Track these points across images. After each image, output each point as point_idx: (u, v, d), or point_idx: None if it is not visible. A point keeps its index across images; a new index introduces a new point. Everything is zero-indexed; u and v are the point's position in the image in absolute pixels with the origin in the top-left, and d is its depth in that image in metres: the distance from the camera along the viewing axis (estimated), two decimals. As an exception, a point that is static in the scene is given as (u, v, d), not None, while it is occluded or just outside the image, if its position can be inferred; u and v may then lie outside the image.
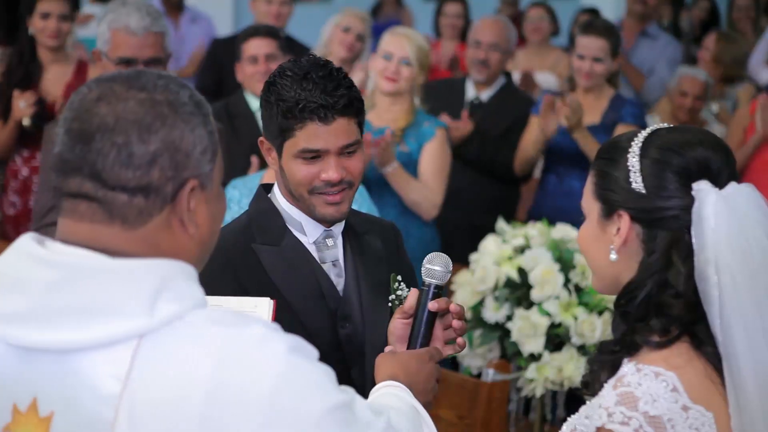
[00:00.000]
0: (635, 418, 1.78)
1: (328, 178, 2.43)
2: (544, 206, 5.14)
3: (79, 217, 1.52)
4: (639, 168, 1.89)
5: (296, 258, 2.49)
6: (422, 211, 4.50)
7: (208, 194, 1.57)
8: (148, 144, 1.49)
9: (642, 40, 6.90)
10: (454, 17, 7.72)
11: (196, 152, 1.53)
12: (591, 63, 5.08)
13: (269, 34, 4.93)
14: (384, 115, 4.57)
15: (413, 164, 4.52)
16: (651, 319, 1.87)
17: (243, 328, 1.50)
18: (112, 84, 1.53)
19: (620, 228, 1.91)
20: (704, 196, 1.85)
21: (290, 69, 2.43)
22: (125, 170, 1.49)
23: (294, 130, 2.41)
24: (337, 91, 2.40)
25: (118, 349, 1.45)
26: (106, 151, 1.49)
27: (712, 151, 1.91)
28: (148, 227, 1.51)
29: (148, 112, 1.50)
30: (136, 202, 1.50)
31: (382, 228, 2.67)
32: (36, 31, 5.17)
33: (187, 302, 1.49)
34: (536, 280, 3.86)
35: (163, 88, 1.53)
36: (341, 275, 2.53)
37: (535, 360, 3.86)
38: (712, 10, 9.02)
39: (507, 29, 5.51)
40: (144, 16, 3.52)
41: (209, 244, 1.61)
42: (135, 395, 1.44)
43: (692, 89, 5.82)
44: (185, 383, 1.44)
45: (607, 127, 5.08)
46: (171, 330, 1.46)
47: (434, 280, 2.34)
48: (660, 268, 1.87)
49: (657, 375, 1.81)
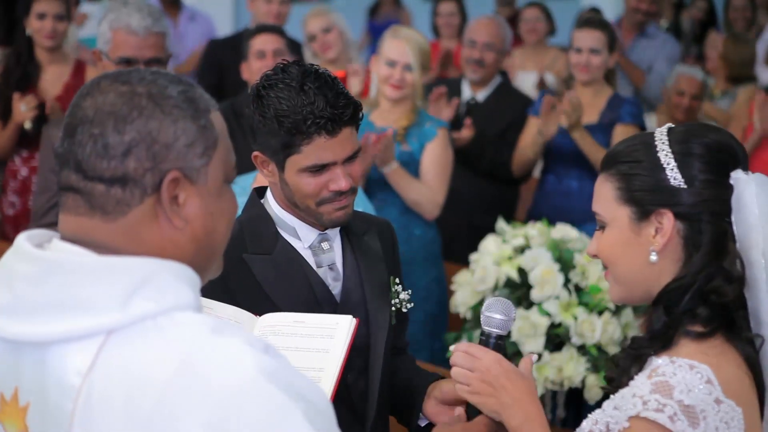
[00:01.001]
0: (670, 406, 1.78)
1: (339, 188, 2.40)
2: (543, 206, 5.14)
3: (67, 209, 1.54)
4: (676, 164, 1.90)
5: (288, 265, 2.46)
6: (424, 210, 4.51)
7: (201, 189, 1.55)
8: (123, 134, 1.50)
9: (640, 39, 6.91)
10: (447, 16, 7.71)
11: (178, 144, 1.52)
12: (588, 55, 5.08)
13: (276, 31, 4.94)
14: (387, 116, 4.58)
15: (415, 164, 4.52)
16: (698, 308, 1.89)
17: (217, 338, 1.45)
18: (101, 79, 1.56)
19: (662, 227, 1.91)
20: (743, 185, 1.88)
21: (281, 80, 2.37)
22: (101, 160, 1.50)
23: (300, 146, 2.36)
24: (339, 100, 2.36)
25: (87, 344, 1.45)
26: (85, 142, 1.51)
27: (733, 140, 1.96)
28: (128, 218, 1.51)
29: (126, 103, 1.51)
30: (113, 192, 1.50)
31: (379, 226, 2.65)
32: (33, 31, 5.17)
33: (167, 302, 1.47)
34: (536, 280, 3.86)
35: (149, 81, 1.54)
36: (338, 279, 2.50)
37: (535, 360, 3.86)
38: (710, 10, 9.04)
39: (502, 29, 5.51)
40: (145, 16, 3.52)
41: (207, 241, 1.58)
42: (92, 390, 1.44)
43: (689, 88, 5.82)
44: (141, 384, 1.42)
45: (604, 127, 5.08)
46: (140, 329, 1.45)
47: (495, 330, 2.12)
48: (711, 260, 1.89)
49: (692, 367, 1.83)
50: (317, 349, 2.21)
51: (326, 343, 2.23)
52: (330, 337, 2.24)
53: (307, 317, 2.29)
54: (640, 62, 6.80)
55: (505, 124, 5.36)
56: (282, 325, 2.28)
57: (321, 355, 2.20)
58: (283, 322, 2.28)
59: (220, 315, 2.27)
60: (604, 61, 5.11)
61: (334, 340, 2.23)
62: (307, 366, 2.19)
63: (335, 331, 2.24)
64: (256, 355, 1.45)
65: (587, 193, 4.97)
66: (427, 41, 4.76)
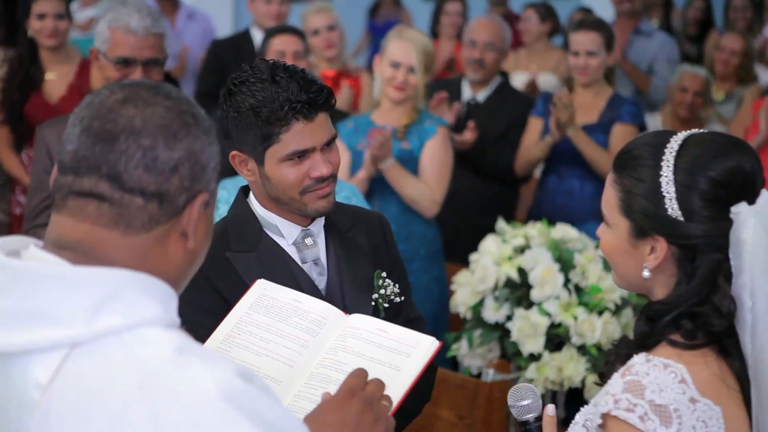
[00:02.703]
0: (641, 406, 1.78)
1: (320, 175, 2.44)
2: (543, 206, 5.14)
3: (84, 216, 1.49)
4: (675, 195, 1.87)
5: (273, 261, 2.48)
6: (421, 208, 4.51)
7: (209, 211, 1.56)
8: (173, 151, 1.48)
9: (636, 38, 6.89)
10: (455, 15, 7.72)
11: (210, 166, 1.53)
12: (586, 58, 5.08)
13: (297, 33, 4.91)
14: (388, 115, 4.58)
15: (415, 162, 4.53)
16: (683, 320, 1.87)
17: (179, 357, 1.42)
18: (139, 88, 1.52)
19: (656, 250, 1.89)
20: (743, 219, 1.83)
21: (251, 76, 2.41)
22: (148, 174, 1.47)
23: (279, 134, 2.40)
24: (312, 86, 2.40)
25: (50, 357, 1.42)
26: (132, 153, 1.47)
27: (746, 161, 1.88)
28: (150, 235, 1.49)
29: (175, 119, 1.50)
30: (150, 208, 1.48)
31: (368, 221, 2.66)
32: (34, 32, 5.17)
33: (134, 317, 1.43)
34: (536, 280, 3.86)
35: (186, 100, 1.54)
36: (324, 273, 2.53)
37: (535, 360, 3.86)
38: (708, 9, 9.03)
39: (502, 28, 5.52)
40: (144, 16, 3.52)
41: (199, 258, 1.59)
42: (51, 405, 1.42)
43: (692, 85, 5.83)
44: (99, 400, 1.39)
45: (604, 126, 5.09)
46: (104, 344, 1.42)
47: (531, 414, 2.12)
48: (699, 291, 1.86)
49: (666, 366, 1.82)
50: (390, 365, 2.16)
51: (401, 360, 2.17)
52: (407, 355, 2.19)
53: (390, 327, 2.25)
54: (639, 62, 6.79)
55: (506, 124, 5.36)
56: (365, 330, 2.25)
57: (392, 372, 2.14)
58: (367, 327, 2.26)
59: (309, 309, 2.28)
60: (602, 61, 5.11)
61: (409, 359, 2.18)
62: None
63: (414, 350, 2.19)
64: (219, 376, 1.41)
65: (588, 192, 5.02)
66: (430, 42, 4.76)
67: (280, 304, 2.29)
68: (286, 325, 2.26)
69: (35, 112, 5.11)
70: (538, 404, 2.09)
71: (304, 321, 2.26)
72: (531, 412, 2.09)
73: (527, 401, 2.09)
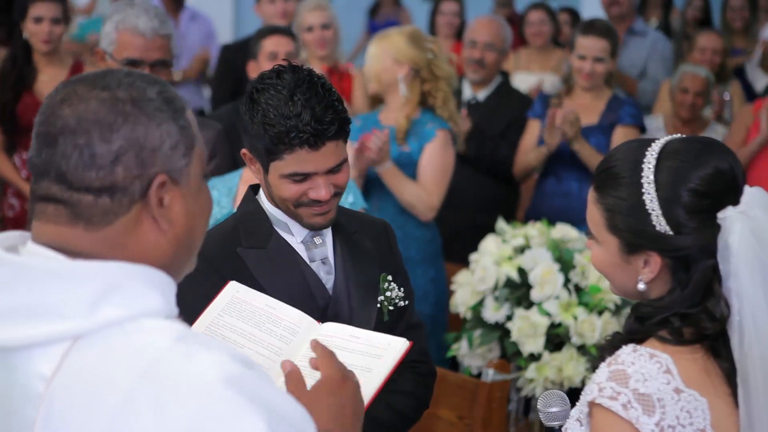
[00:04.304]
0: (624, 394, 1.80)
1: (318, 197, 2.44)
2: (542, 207, 5.14)
3: (46, 219, 1.50)
4: (661, 212, 1.88)
5: (283, 259, 2.50)
6: (418, 212, 4.50)
7: (184, 189, 1.53)
8: (110, 143, 1.47)
9: (630, 38, 6.88)
10: (451, 15, 7.71)
11: (164, 148, 1.50)
12: (592, 63, 5.09)
13: (288, 34, 4.92)
14: (390, 115, 4.59)
15: (414, 165, 4.53)
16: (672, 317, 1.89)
17: (181, 345, 1.44)
18: (76, 85, 1.52)
19: (650, 264, 1.91)
20: (729, 224, 1.85)
21: (273, 86, 2.39)
22: (88, 171, 1.47)
23: (282, 154, 2.40)
24: (326, 115, 2.38)
25: (53, 350, 1.44)
26: (69, 153, 1.47)
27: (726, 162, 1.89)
28: (114, 227, 1.49)
29: (110, 110, 1.48)
30: (102, 202, 1.48)
31: (374, 227, 2.67)
32: (29, 35, 5.17)
33: (135, 309, 1.45)
34: (536, 280, 3.87)
35: (127, 85, 1.51)
36: (331, 272, 2.54)
37: (535, 360, 3.87)
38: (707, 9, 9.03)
39: (503, 29, 5.52)
40: (152, 17, 3.52)
41: (187, 241, 1.57)
42: (54, 396, 1.43)
43: (693, 86, 5.82)
44: (102, 390, 1.41)
45: (605, 128, 5.09)
46: (106, 335, 1.43)
47: (557, 422, 2.16)
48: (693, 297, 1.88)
49: (651, 356, 1.85)
50: (362, 367, 2.18)
51: (372, 362, 2.20)
52: (378, 357, 2.22)
53: (362, 333, 2.27)
54: (634, 63, 6.78)
55: (505, 124, 5.37)
56: (338, 338, 2.27)
57: (363, 373, 2.16)
58: (339, 335, 2.28)
59: (282, 316, 2.28)
60: (607, 68, 5.13)
61: (380, 361, 2.21)
62: None
63: (385, 352, 2.22)
64: (220, 363, 1.43)
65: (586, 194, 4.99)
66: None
67: (253, 308, 2.29)
68: (260, 331, 2.26)
69: (27, 112, 5.11)
70: (566, 412, 2.11)
71: (277, 328, 2.27)
72: (558, 420, 2.13)
73: (555, 408, 2.13)
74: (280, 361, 2.21)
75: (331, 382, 1.82)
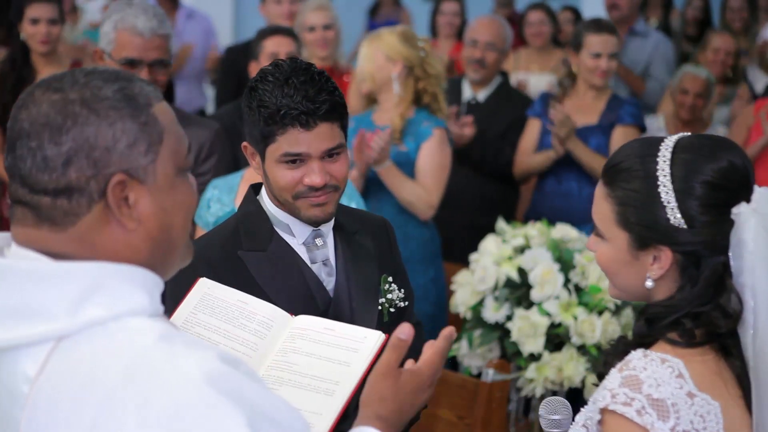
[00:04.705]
0: (638, 400, 1.79)
1: (312, 183, 2.43)
2: (542, 207, 5.14)
3: (17, 221, 1.52)
4: (677, 204, 1.87)
5: (283, 261, 2.49)
6: (417, 211, 4.51)
7: (151, 187, 1.52)
8: (60, 145, 1.47)
9: (631, 39, 6.88)
10: (451, 15, 7.71)
11: (119, 146, 1.49)
12: (608, 60, 5.09)
13: (290, 34, 4.92)
14: (383, 115, 4.59)
15: (411, 164, 4.52)
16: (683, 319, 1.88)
17: (163, 344, 1.44)
18: (35, 89, 1.52)
19: (660, 260, 1.90)
20: (744, 220, 1.84)
21: (271, 74, 2.43)
22: (42, 174, 1.47)
23: (275, 136, 2.42)
24: (320, 96, 2.40)
25: (36, 351, 1.44)
26: (25, 157, 1.48)
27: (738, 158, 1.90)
28: (78, 227, 1.49)
29: (59, 112, 1.48)
30: (60, 203, 1.48)
31: (374, 225, 2.67)
32: (26, 36, 5.17)
33: (118, 308, 1.46)
34: (536, 280, 3.87)
35: (81, 85, 1.50)
36: (332, 274, 2.54)
37: (535, 360, 3.87)
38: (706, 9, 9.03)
39: (503, 28, 5.52)
40: (151, 17, 3.52)
41: (164, 239, 1.55)
42: (38, 397, 1.44)
43: (693, 87, 5.82)
44: (86, 389, 1.41)
45: (605, 128, 5.09)
46: (89, 335, 1.44)
47: (559, 430, 2.15)
48: (703, 294, 1.87)
49: (663, 361, 1.83)
50: (339, 361, 2.19)
51: (349, 356, 2.20)
52: (354, 350, 2.21)
53: (337, 326, 2.27)
54: (635, 63, 6.78)
55: (506, 124, 5.36)
56: (312, 330, 2.27)
57: (341, 368, 2.18)
58: (314, 327, 2.27)
59: (255, 311, 2.27)
60: (617, 65, 5.16)
61: (357, 355, 2.20)
62: (325, 377, 2.18)
63: (361, 345, 2.21)
64: (203, 361, 1.43)
65: (586, 194, 5.02)
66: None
67: (225, 304, 2.28)
68: (233, 327, 2.25)
69: None
70: (568, 420, 2.11)
71: (251, 323, 2.26)
72: (560, 428, 2.12)
73: (558, 416, 2.13)
74: (256, 356, 2.22)
75: (422, 382, 1.84)
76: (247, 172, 3.62)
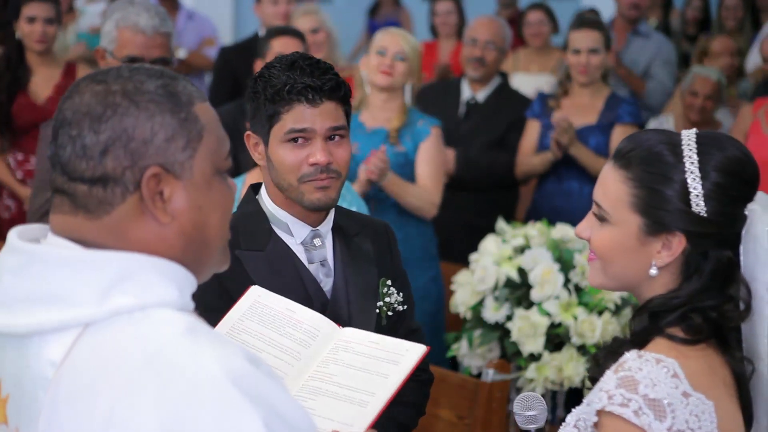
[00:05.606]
0: (635, 400, 1.79)
1: (316, 161, 2.45)
2: (542, 207, 5.15)
3: (56, 209, 1.54)
4: (702, 192, 1.88)
5: (281, 262, 2.49)
6: (423, 212, 4.52)
7: (187, 182, 1.53)
8: (99, 134, 1.49)
9: (634, 38, 6.88)
10: (444, 14, 7.68)
11: (157, 139, 1.50)
12: (587, 55, 5.08)
13: (297, 35, 4.92)
14: (378, 115, 4.57)
15: (410, 164, 4.52)
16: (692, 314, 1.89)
17: (187, 337, 1.45)
18: (81, 81, 1.56)
19: (671, 247, 1.90)
20: (757, 217, 1.87)
21: (277, 61, 2.49)
22: (80, 161, 1.50)
23: (281, 114, 2.44)
24: (325, 75, 2.45)
25: (64, 336, 1.46)
26: (65, 144, 1.51)
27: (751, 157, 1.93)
28: (112, 216, 1.51)
29: (100, 102, 1.50)
30: (95, 192, 1.50)
31: (375, 229, 2.66)
32: (23, 35, 5.17)
33: (146, 298, 1.47)
34: (536, 280, 3.87)
35: (125, 79, 1.53)
36: (330, 275, 2.53)
37: (535, 360, 3.87)
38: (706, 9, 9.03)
39: (503, 28, 5.54)
40: (153, 15, 3.52)
41: (198, 236, 1.56)
42: (61, 381, 1.45)
43: (703, 89, 5.80)
44: (106, 375, 1.42)
45: (604, 128, 5.09)
46: (115, 323, 1.45)
47: (534, 425, 2.16)
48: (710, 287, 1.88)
49: (658, 361, 1.83)
50: (379, 373, 2.19)
51: (389, 368, 2.21)
52: (395, 363, 2.21)
53: (381, 339, 2.27)
54: (636, 64, 6.78)
55: (505, 125, 5.36)
56: (356, 343, 2.27)
57: (380, 380, 2.18)
58: (359, 340, 2.28)
59: (301, 320, 2.29)
60: (602, 60, 5.12)
61: (397, 367, 2.20)
62: (361, 388, 2.19)
63: (402, 358, 2.21)
64: (226, 358, 1.44)
65: (587, 193, 5.01)
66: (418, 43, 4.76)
67: (274, 312, 2.30)
68: (279, 335, 2.27)
69: (21, 113, 5.12)
70: (543, 415, 2.11)
71: (296, 332, 2.28)
72: (535, 423, 2.12)
73: (533, 412, 2.13)
74: (299, 365, 2.23)
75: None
76: (248, 177, 3.61)
